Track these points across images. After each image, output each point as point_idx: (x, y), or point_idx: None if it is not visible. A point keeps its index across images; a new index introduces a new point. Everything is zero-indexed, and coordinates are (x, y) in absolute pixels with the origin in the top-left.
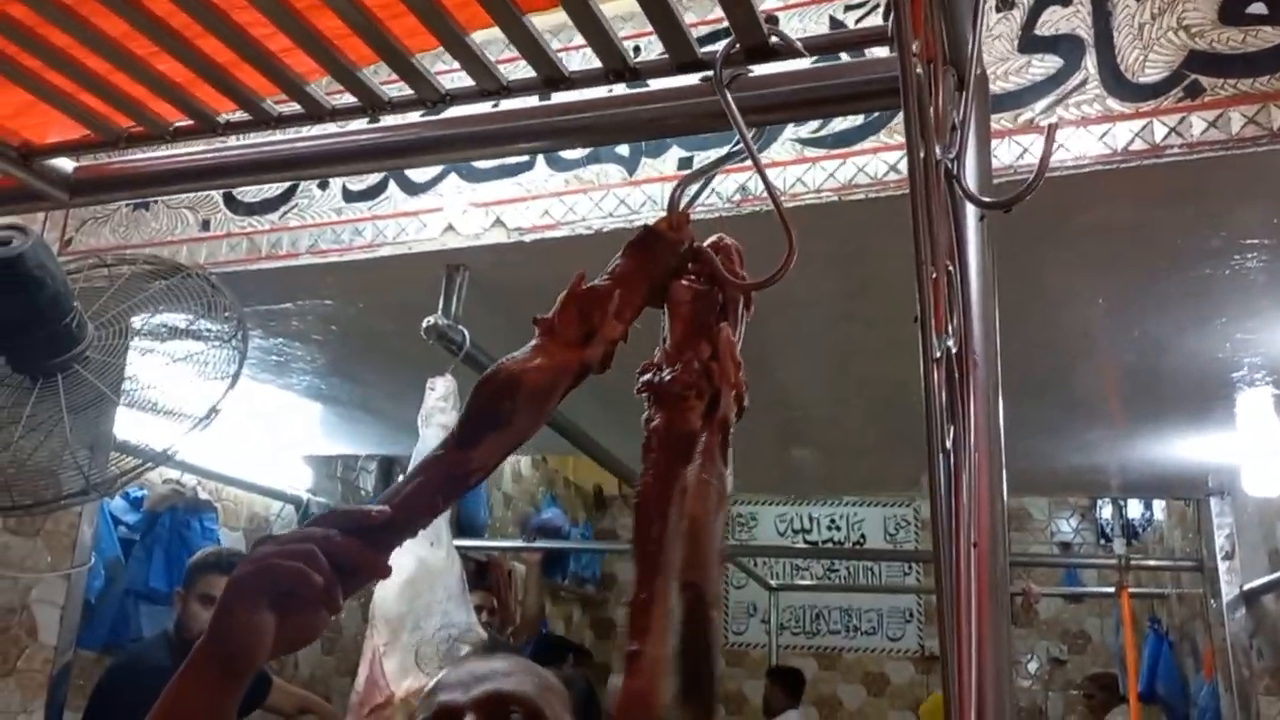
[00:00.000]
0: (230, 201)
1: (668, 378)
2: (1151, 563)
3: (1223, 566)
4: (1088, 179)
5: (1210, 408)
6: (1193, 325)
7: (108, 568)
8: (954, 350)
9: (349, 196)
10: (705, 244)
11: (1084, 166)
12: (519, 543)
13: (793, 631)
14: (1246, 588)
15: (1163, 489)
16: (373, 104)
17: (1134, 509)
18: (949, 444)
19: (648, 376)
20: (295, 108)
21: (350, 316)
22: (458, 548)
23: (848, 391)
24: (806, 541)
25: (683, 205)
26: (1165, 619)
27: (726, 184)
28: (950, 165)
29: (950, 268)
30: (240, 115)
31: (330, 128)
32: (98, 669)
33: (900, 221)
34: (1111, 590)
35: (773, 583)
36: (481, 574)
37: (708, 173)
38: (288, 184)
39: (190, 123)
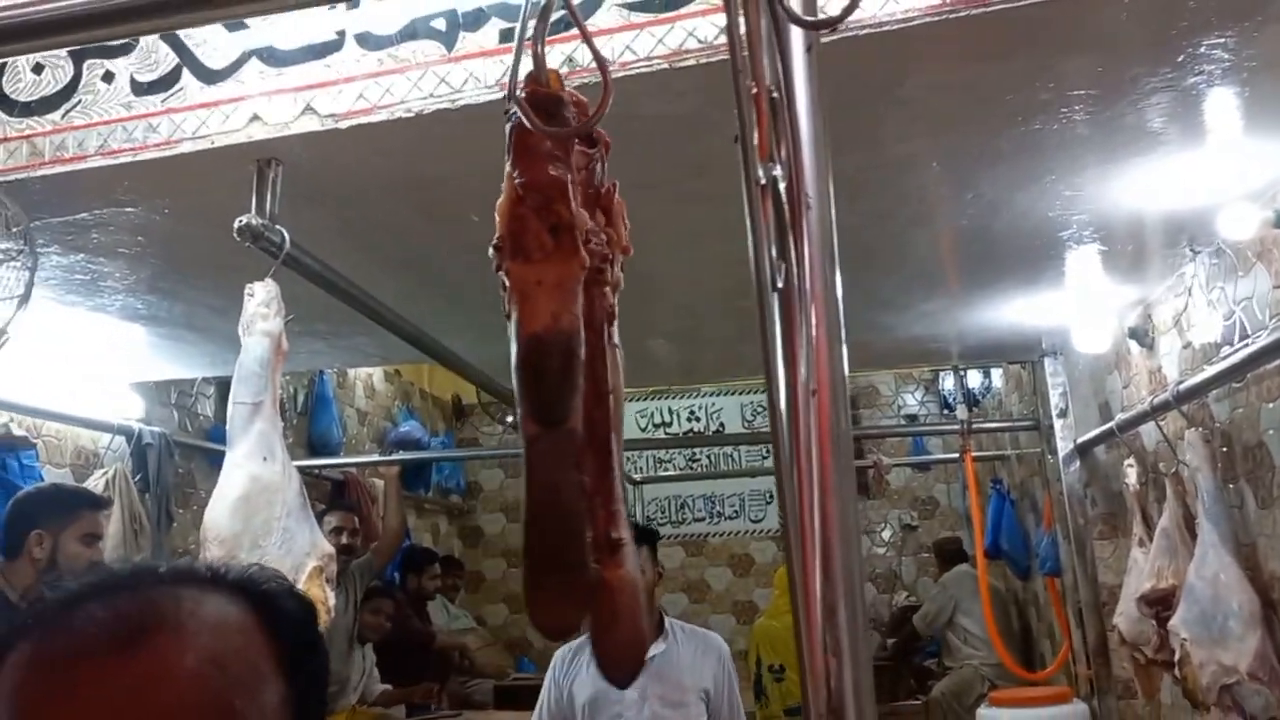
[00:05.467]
0: (3, 101)
1: None
2: (991, 425)
3: (1058, 423)
4: (918, 33)
5: (1041, 269)
6: (1024, 183)
7: None
8: (783, 184)
9: (138, 89)
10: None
11: (914, 19)
12: (375, 457)
13: (659, 522)
14: (1080, 441)
15: (1000, 354)
16: None
17: (974, 378)
18: (780, 282)
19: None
20: None
21: (157, 224)
22: (312, 468)
23: (698, 276)
24: (667, 434)
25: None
26: (1007, 479)
27: (551, 55)
28: None
29: (775, 94)
30: None
31: None
32: None
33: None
34: (956, 456)
35: (636, 477)
36: (340, 493)
37: (544, 26)
38: (68, 80)
39: None
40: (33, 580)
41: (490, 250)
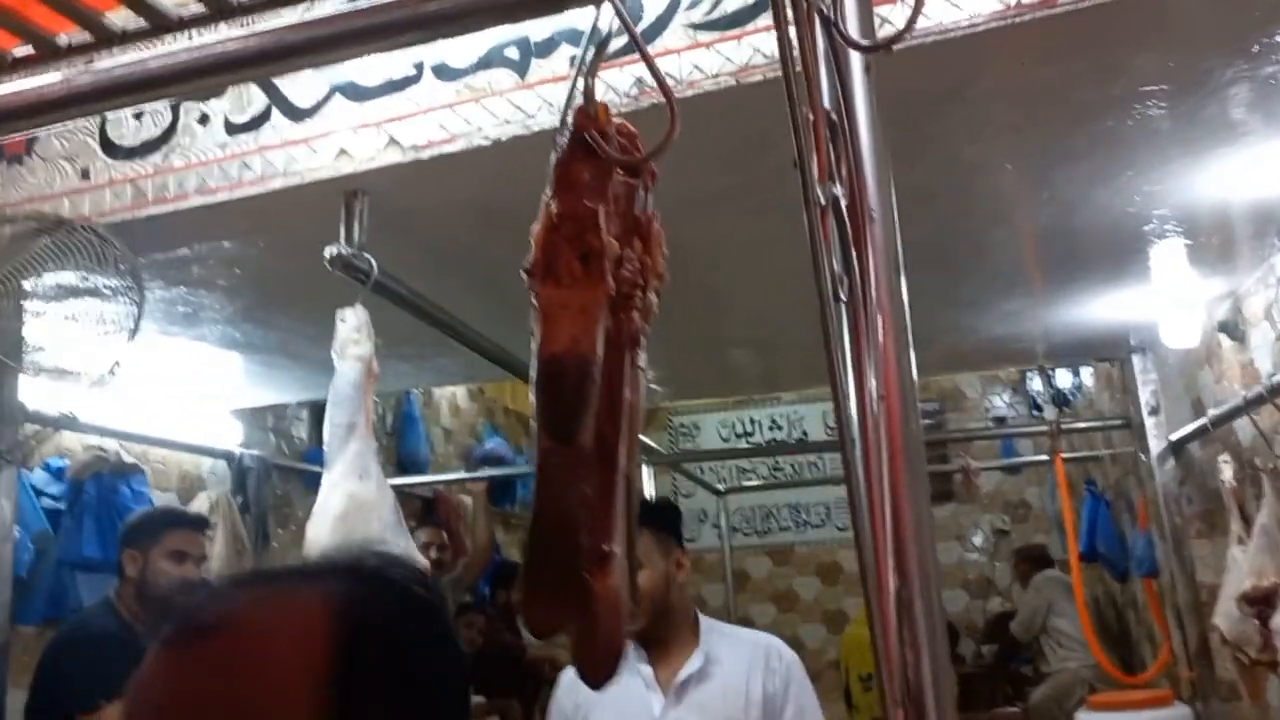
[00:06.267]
0: (108, 147)
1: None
2: (1081, 425)
3: (1149, 421)
4: (984, 38)
5: (1125, 265)
6: (1101, 180)
7: (36, 541)
8: (844, 203)
9: (231, 129)
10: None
11: (979, 25)
12: (462, 474)
13: (744, 533)
14: (1173, 438)
15: (1087, 352)
16: (220, 9)
17: (1063, 378)
18: (844, 295)
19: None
20: (140, 22)
21: (252, 257)
22: (401, 486)
23: (773, 285)
24: (750, 443)
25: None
26: (1100, 480)
27: (622, 78)
28: (827, 11)
29: (834, 117)
30: (81, 36)
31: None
32: (40, 643)
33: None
34: (1047, 458)
35: (720, 487)
36: (429, 510)
37: (598, 60)
38: (166, 124)
39: (30, 50)
40: (134, 598)
41: (522, 272)
